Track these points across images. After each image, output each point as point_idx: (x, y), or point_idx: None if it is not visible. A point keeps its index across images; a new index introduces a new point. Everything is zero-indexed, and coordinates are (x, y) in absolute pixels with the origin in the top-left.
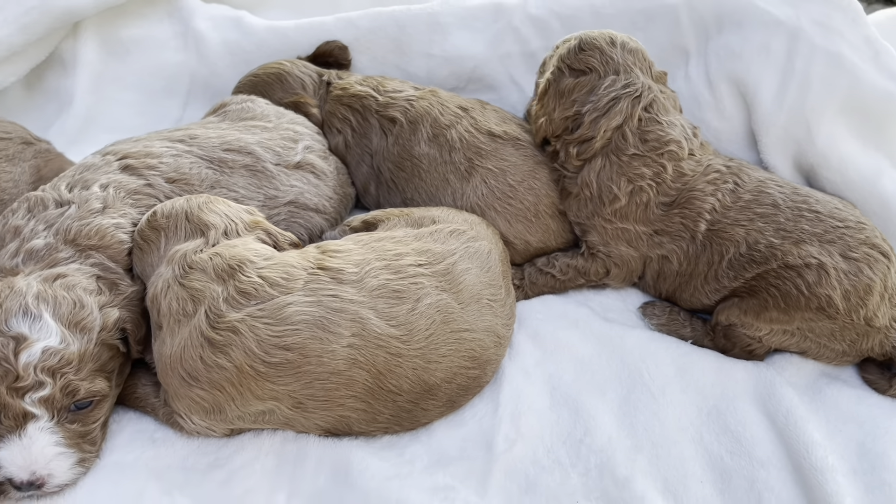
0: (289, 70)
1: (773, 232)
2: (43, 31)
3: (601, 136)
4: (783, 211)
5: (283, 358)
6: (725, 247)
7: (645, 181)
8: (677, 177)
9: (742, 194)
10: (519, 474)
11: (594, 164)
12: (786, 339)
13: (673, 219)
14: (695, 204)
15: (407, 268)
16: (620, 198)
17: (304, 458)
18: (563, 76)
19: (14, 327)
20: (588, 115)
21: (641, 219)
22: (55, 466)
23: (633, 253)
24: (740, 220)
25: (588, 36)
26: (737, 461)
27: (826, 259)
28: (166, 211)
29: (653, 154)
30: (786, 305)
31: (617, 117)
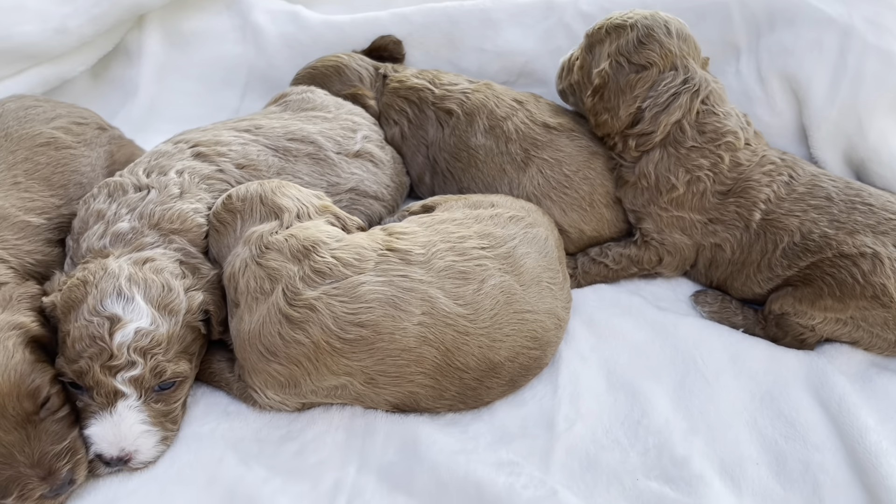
0: (346, 63)
1: (827, 223)
2: (112, 22)
3: (661, 131)
4: (836, 203)
5: (357, 334)
6: (779, 236)
7: (703, 171)
8: (734, 166)
9: (796, 186)
10: (580, 452)
11: (652, 154)
12: (838, 328)
13: (728, 207)
14: (750, 194)
15: (471, 250)
16: (678, 187)
17: (373, 433)
18: (623, 70)
19: (109, 308)
20: (649, 110)
21: (697, 207)
22: (141, 443)
23: (686, 241)
24: (794, 211)
25: (645, 25)
26: (791, 445)
27: (880, 249)
28: (241, 194)
29: (710, 145)
30: (841, 294)
31: (677, 112)
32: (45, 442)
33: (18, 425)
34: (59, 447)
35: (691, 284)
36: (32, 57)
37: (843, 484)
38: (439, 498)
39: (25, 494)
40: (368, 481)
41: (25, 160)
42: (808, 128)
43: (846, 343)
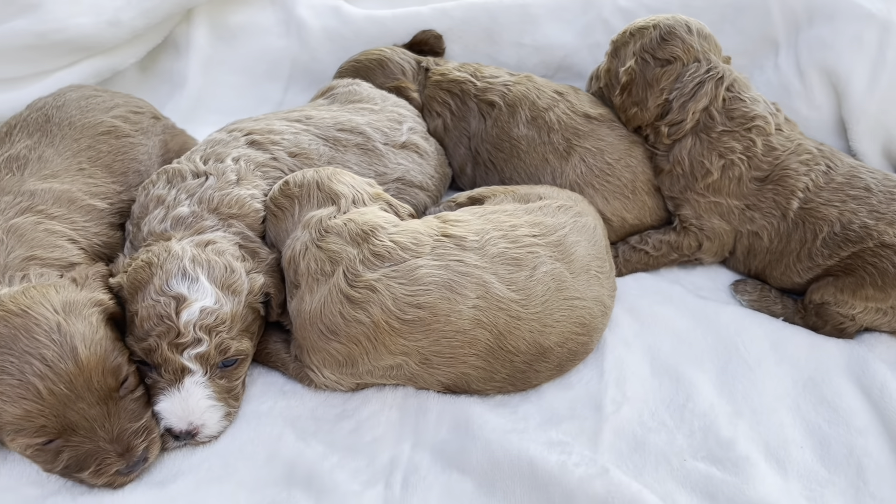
0: (389, 56)
1: (867, 213)
2: (162, 15)
3: (690, 119)
4: (875, 195)
5: (415, 315)
6: (819, 226)
7: (735, 155)
8: (768, 151)
9: (835, 176)
10: (627, 434)
11: (685, 142)
12: (878, 317)
13: (766, 194)
14: (788, 182)
15: (522, 238)
16: (713, 172)
17: (426, 412)
18: (649, 65)
19: (174, 288)
20: (676, 100)
21: (734, 193)
22: (208, 417)
23: (725, 226)
24: (833, 201)
25: (666, 24)
26: (835, 429)
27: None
28: (298, 181)
29: (741, 129)
30: (882, 283)
31: (703, 99)
32: (124, 419)
33: (101, 400)
34: (136, 425)
35: (730, 274)
36: (86, 49)
37: (886, 467)
38: (493, 475)
39: (102, 469)
40: (423, 458)
41: (89, 147)
42: (848, 121)
43: (885, 332)
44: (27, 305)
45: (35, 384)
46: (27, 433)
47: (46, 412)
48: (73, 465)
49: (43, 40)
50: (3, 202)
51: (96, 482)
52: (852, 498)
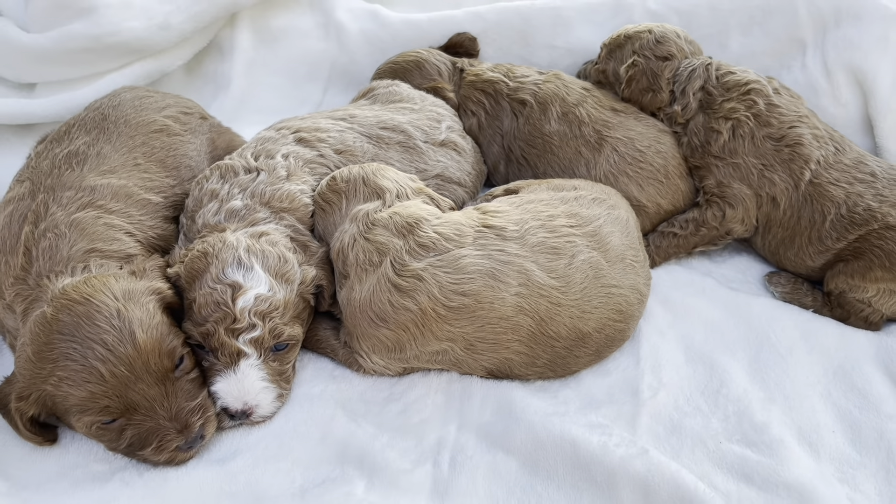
0: (426, 58)
1: (872, 197)
2: (209, 19)
3: (693, 98)
4: (880, 180)
5: (460, 303)
6: (826, 207)
7: (740, 114)
8: (771, 107)
9: (843, 158)
10: (664, 418)
11: (696, 119)
12: (894, 301)
13: (782, 156)
14: (802, 150)
15: (560, 228)
16: (723, 133)
17: (470, 396)
18: (650, 60)
19: (230, 276)
20: (677, 88)
21: (750, 151)
22: (262, 398)
23: (745, 190)
24: (840, 181)
25: (659, 30)
26: (865, 415)
27: None
28: (345, 176)
29: (738, 94)
30: (890, 263)
31: (698, 80)
32: (181, 398)
33: (159, 381)
34: (192, 403)
35: (761, 267)
36: (137, 51)
37: None
38: (536, 454)
39: (163, 446)
40: (469, 439)
41: (143, 144)
42: (874, 118)
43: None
44: (89, 294)
45: (98, 367)
46: (92, 412)
47: (109, 393)
48: (136, 443)
49: (97, 43)
50: (65, 197)
51: (158, 458)
52: (883, 479)
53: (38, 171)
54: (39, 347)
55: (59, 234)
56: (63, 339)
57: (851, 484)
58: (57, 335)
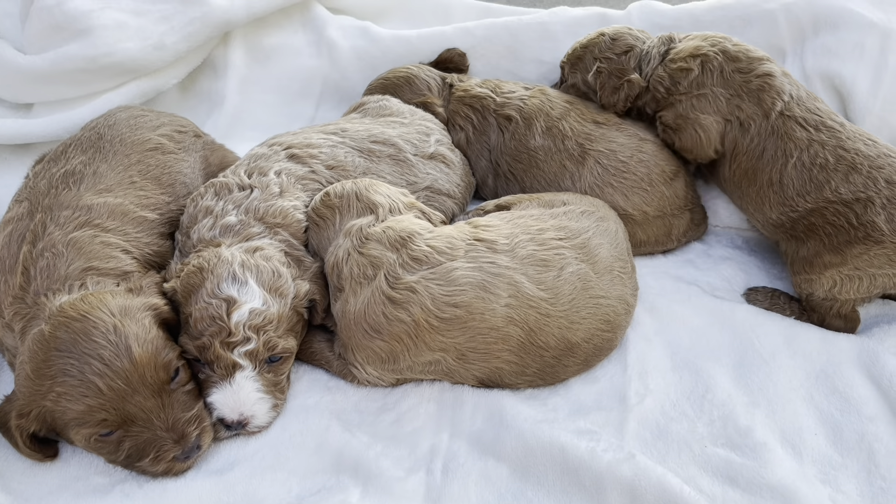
0: (416, 73)
1: (832, 149)
2: (203, 39)
3: (656, 62)
4: (847, 130)
5: (452, 314)
6: (789, 148)
7: (708, 49)
8: (737, 45)
9: (816, 102)
10: (651, 423)
11: (657, 70)
12: (854, 285)
13: (751, 86)
14: (774, 84)
15: (549, 241)
16: (693, 69)
17: (462, 404)
18: (613, 60)
19: (225, 290)
20: (645, 64)
21: (719, 82)
22: (257, 409)
23: (709, 118)
24: (808, 123)
25: (612, 29)
26: (847, 417)
27: (871, 191)
28: (338, 192)
29: (701, 37)
30: (838, 243)
31: (663, 47)
32: (178, 409)
33: (155, 393)
34: (188, 414)
35: (745, 276)
36: (133, 71)
37: None
38: (526, 461)
39: (161, 456)
40: (461, 447)
41: (139, 162)
42: (854, 120)
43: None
44: (86, 311)
45: (95, 382)
46: (90, 425)
47: (107, 406)
48: (133, 454)
49: (93, 64)
50: (62, 216)
51: (156, 469)
52: (864, 480)
53: (36, 190)
54: (38, 365)
55: (56, 253)
56: (61, 356)
57: (833, 485)
58: (55, 352)
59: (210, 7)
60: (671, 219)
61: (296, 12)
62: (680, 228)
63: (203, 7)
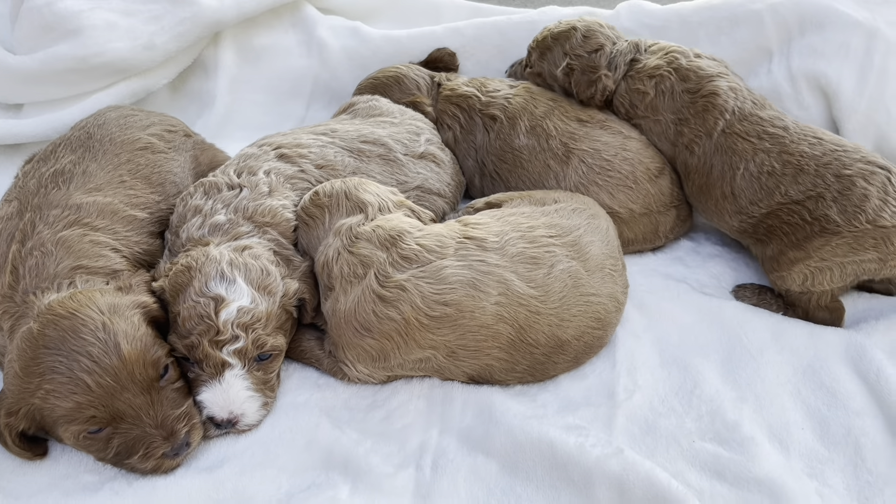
0: (405, 73)
1: (777, 155)
2: (193, 39)
3: (621, 72)
4: (791, 134)
5: (442, 312)
6: (735, 161)
7: (662, 70)
8: (691, 62)
9: (759, 112)
10: (639, 419)
11: (621, 86)
12: (826, 276)
13: (696, 107)
14: (717, 101)
15: (540, 238)
16: (649, 91)
17: (452, 401)
18: (583, 57)
19: (213, 289)
20: (613, 68)
21: (668, 107)
22: (247, 407)
23: (664, 144)
24: (750, 135)
25: (584, 25)
26: (833, 412)
27: (820, 187)
28: (328, 191)
29: (661, 53)
30: (798, 239)
31: (629, 55)
32: (167, 406)
33: (144, 390)
34: (178, 411)
35: (734, 273)
36: (123, 71)
37: (882, 445)
38: (516, 456)
39: (150, 453)
40: (450, 443)
41: (128, 161)
42: (839, 119)
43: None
44: (74, 308)
45: (84, 379)
46: (79, 422)
47: (96, 403)
48: (123, 452)
49: (83, 64)
50: (51, 215)
51: (145, 466)
52: (851, 474)
53: (26, 190)
54: (26, 363)
55: (45, 252)
56: (49, 353)
57: (820, 479)
58: (43, 349)
59: (200, 7)
60: (657, 216)
61: (286, 12)
62: (667, 225)
63: (193, 7)
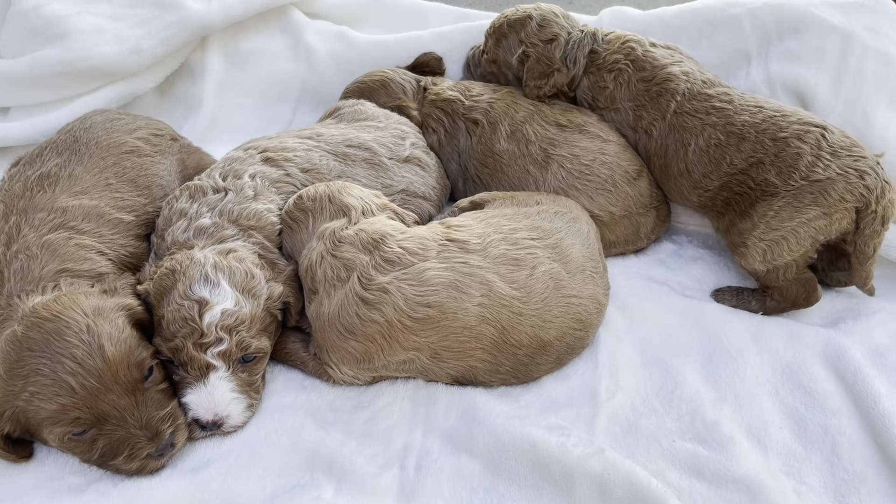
0: (392, 77)
1: (722, 127)
2: (180, 43)
3: (581, 63)
4: (734, 106)
5: (425, 314)
6: (685, 138)
7: (621, 63)
8: (646, 52)
9: (707, 90)
10: (621, 419)
11: (583, 82)
12: (783, 247)
13: (651, 94)
14: (669, 86)
15: (522, 240)
16: (608, 85)
17: (436, 402)
18: (538, 46)
19: (197, 292)
20: (569, 60)
21: (626, 96)
22: (232, 409)
23: (625, 131)
24: (699, 112)
25: (539, 13)
26: (811, 411)
27: (759, 154)
28: (311, 195)
29: (619, 44)
30: (743, 208)
31: (586, 46)
32: (151, 408)
33: (129, 392)
34: (162, 412)
35: (715, 276)
36: (110, 75)
37: (858, 444)
38: (498, 456)
39: (134, 454)
40: (434, 443)
41: (115, 164)
42: None
43: (859, 320)
44: (58, 311)
45: (68, 381)
46: (63, 424)
47: (80, 404)
48: (107, 453)
49: (70, 68)
50: (37, 219)
51: (130, 467)
52: (827, 472)
53: (11, 193)
54: (11, 365)
55: (30, 255)
56: (33, 356)
57: (797, 477)
58: (27, 352)
59: (187, 11)
60: (638, 217)
61: (273, 17)
62: (648, 226)
63: (180, 11)
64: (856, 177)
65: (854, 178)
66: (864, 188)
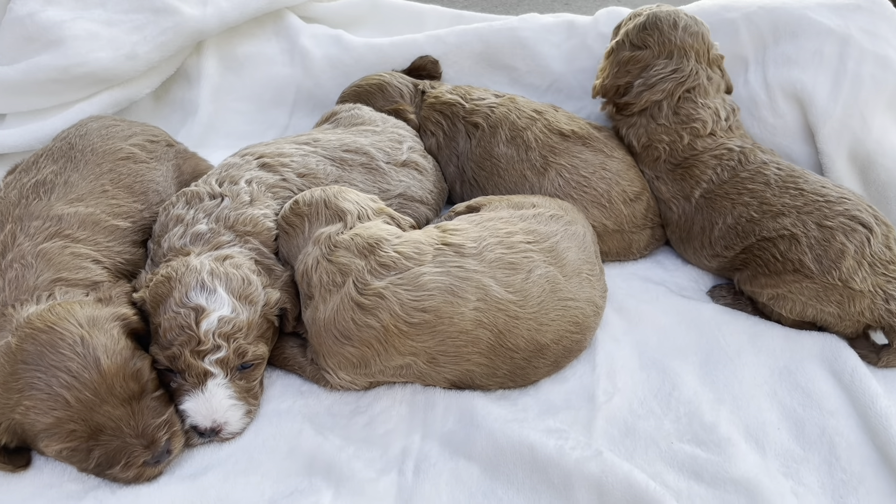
0: (388, 81)
1: (757, 206)
2: (175, 48)
3: (640, 105)
4: (772, 188)
5: (421, 318)
6: (714, 218)
7: (662, 144)
8: (689, 148)
9: (740, 171)
10: (619, 421)
11: (631, 120)
12: (788, 304)
13: (675, 176)
14: (695, 172)
15: (518, 244)
16: (635, 147)
17: (433, 406)
18: (624, 48)
19: (193, 299)
20: (637, 87)
21: (649, 165)
22: (230, 416)
23: None
24: (730, 194)
25: (654, 16)
26: (808, 412)
27: (798, 230)
28: (307, 200)
29: (678, 126)
30: (770, 271)
31: (658, 94)
32: (147, 416)
33: (124, 402)
34: (158, 420)
35: (712, 277)
36: (105, 81)
37: (856, 444)
38: (497, 460)
39: (131, 462)
40: (432, 447)
41: (111, 171)
42: (815, 125)
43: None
44: (53, 322)
45: (63, 394)
46: (59, 438)
47: (75, 417)
48: (104, 463)
49: (65, 74)
50: (32, 227)
51: (127, 475)
52: (825, 472)
53: (7, 201)
54: (5, 378)
55: (25, 264)
56: (28, 369)
57: (796, 478)
58: (21, 365)
59: (182, 17)
60: (630, 234)
61: (269, 21)
62: (640, 243)
63: (175, 17)
64: (882, 300)
65: (880, 300)
66: (887, 312)
